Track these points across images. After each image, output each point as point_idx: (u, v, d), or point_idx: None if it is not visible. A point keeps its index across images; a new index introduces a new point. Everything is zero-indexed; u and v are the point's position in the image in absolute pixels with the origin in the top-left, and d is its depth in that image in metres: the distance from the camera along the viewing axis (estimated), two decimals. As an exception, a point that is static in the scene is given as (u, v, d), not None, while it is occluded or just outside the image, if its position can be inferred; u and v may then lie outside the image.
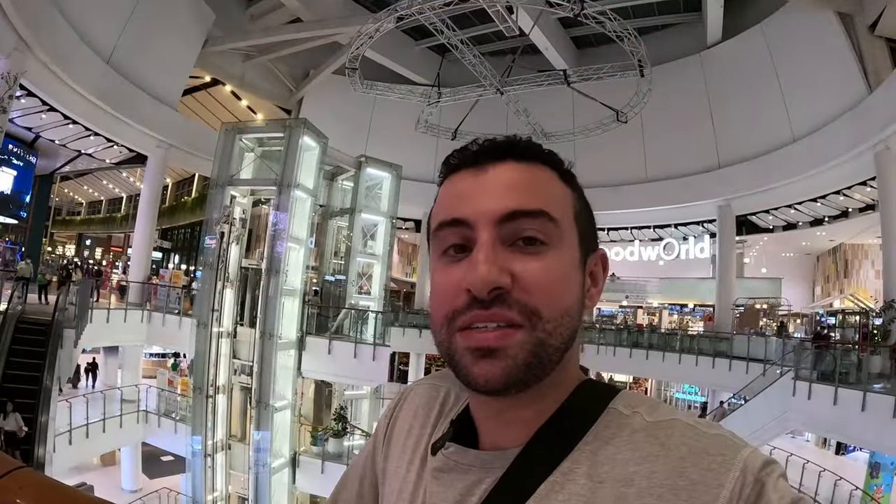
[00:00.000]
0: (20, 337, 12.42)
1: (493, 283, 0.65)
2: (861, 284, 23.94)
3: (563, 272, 0.70)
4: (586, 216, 0.78)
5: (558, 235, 0.70)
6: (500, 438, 0.75)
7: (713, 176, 22.36)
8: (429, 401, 0.91)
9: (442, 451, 0.78)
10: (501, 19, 17.30)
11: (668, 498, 0.60)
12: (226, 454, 14.49)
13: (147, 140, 19.80)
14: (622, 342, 21.08)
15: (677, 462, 0.62)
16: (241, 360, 14.47)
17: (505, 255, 0.68)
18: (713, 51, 21.77)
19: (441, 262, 0.73)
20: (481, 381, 0.67)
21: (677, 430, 0.65)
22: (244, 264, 14.77)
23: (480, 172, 0.73)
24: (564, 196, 0.75)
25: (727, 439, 0.63)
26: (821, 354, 12.81)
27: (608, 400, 0.73)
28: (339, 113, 25.64)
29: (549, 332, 0.67)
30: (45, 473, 1.13)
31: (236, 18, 23.52)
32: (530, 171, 0.73)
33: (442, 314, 0.71)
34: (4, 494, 0.99)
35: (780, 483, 0.59)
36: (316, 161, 15.01)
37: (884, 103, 15.19)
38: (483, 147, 0.76)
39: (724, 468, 0.60)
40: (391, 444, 0.91)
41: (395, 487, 0.84)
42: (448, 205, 0.74)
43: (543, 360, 0.67)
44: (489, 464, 0.73)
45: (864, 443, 12.92)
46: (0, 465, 1.04)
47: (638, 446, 0.65)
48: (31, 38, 14.01)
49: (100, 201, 51.27)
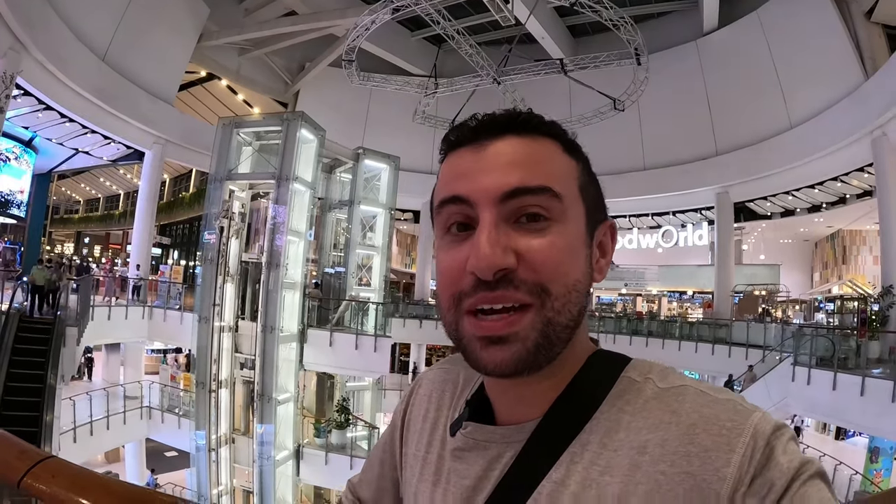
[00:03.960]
0: (23, 336, 12.42)
1: (497, 266, 0.65)
2: (859, 270, 24.00)
3: (570, 247, 0.70)
4: (593, 187, 0.77)
5: (562, 210, 0.70)
6: (517, 413, 0.75)
7: (711, 163, 22.36)
8: (442, 384, 0.92)
9: (460, 430, 0.79)
10: (497, 9, 17.26)
11: (681, 464, 0.61)
12: (230, 448, 14.54)
13: (144, 136, 19.80)
14: (622, 330, 21.14)
15: (688, 429, 0.63)
16: (243, 354, 14.50)
17: (508, 233, 0.68)
18: (709, 38, 21.73)
19: (445, 241, 0.73)
20: (490, 367, 0.68)
21: (689, 396, 0.66)
22: (244, 258, 14.76)
23: (480, 149, 0.72)
24: (569, 168, 0.74)
25: (737, 404, 0.64)
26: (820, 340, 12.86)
27: (621, 368, 0.74)
28: (336, 105, 25.62)
29: (557, 309, 0.67)
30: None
31: (231, 12, 23.44)
32: (532, 144, 0.72)
33: (448, 295, 0.70)
34: (39, 482, 1.04)
35: (789, 446, 0.60)
36: (314, 154, 15.00)
37: (881, 89, 15.15)
38: (482, 122, 0.74)
39: (735, 433, 0.60)
40: (409, 429, 0.92)
41: (416, 470, 0.86)
42: (449, 182, 0.73)
43: (553, 339, 0.68)
44: (508, 437, 0.74)
45: (863, 427, 12.97)
46: (31, 455, 1.09)
47: (651, 413, 0.66)
48: (26, 38, 13.96)
49: (97, 199, 51.22)
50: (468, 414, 0.80)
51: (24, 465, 1.08)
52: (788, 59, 19.12)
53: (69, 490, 1.04)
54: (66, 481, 1.07)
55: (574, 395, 0.73)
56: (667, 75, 21.34)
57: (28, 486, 1.05)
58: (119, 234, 47.03)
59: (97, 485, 1.08)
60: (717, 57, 21.54)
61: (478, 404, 0.81)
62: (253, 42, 24.48)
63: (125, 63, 18.27)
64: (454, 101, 22.32)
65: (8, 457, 1.13)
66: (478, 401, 0.82)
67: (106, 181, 44.48)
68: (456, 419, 0.82)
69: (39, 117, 17.57)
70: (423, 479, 0.84)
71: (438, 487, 0.81)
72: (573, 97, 22.98)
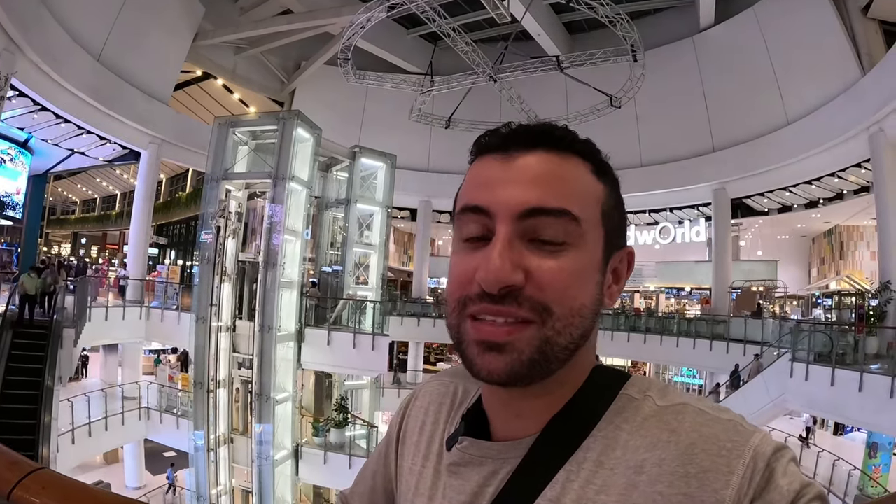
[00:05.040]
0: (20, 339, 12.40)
1: (503, 283, 0.65)
2: (857, 266, 24.02)
3: (581, 272, 0.69)
4: (617, 213, 0.76)
5: (580, 235, 0.69)
6: (514, 429, 0.75)
7: (708, 159, 22.37)
8: (439, 397, 0.91)
9: (456, 445, 0.79)
10: (493, 6, 17.21)
11: (679, 485, 0.60)
12: (228, 448, 14.57)
13: (140, 136, 19.73)
14: (619, 326, 21.11)
15: (687, 448, 0.62)
16: (240, 354, 14.51)
17: (522, 250, 0.67)
18: (706, 34, 21.71)
19: (460, 247, 0.73)
20: (484, 373, 0.68)
21: (688, 415, 0.65)
22: (241, 258, 14.77)
23: (508, 159, 0.71)
24: (594, 192, 0.73)
25: (738, 425, 0.63)
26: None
27: (620, 385, 0.73)
28: (332, 103, 25.56)
29: (557, 330, 0.67)
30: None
31: (226, 11, 23.37)
32: (560, 163, 0.71)
33: (455, 298, 0.71)
34: (28, 494, 1.02)
35: (790, 468, 0.60)
36: (310, 152, 14.98)
37: (877, 85, 15.14)
38: (514, 132, 0.73)
39: (735, 454, 0.60)
40: (405, 441, 0.92)
41: (411, 484, 0.85)
42: (472, 189, 0.73)
43: (549, 357, 0.67)
44: (504, 454, 0.74)
45: (861, 423, 12.99)
46: (21, 467, 1.07)
47: (649, 432, 0.65)
48: (21, 39, 13.89)
49: (94, 199, 51.14)
50: (464, 429, 0.79)
51: (15, 476, 1.06)
52: (785, 55, 19.11)
53: (60, 502, 1.02)
54: (58, 493, 1.05)
55: (571, 413, 0.72)
56: (663, 72, 21.31)
57: (18, 498, 1.03)
58: (116, 235, 46.98)
59: (88, 497, 1.06)
60: (714, 53, 21.52)
61: (474, 419, 0.80)
62: (248, 41, 24.43)
63: (120, 63, 18.21)
64: (450, 98, 22.30)
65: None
66: (474, 415, 0.81)
67: (102, 181, 44.43)
68: (452, 434, 0.81)
69: (35, 118, 17.50)
70: (419, 493, 0.83)
71: (434, 502, 0.80)
72: (569, 94, 22.96)
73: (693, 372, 26.98)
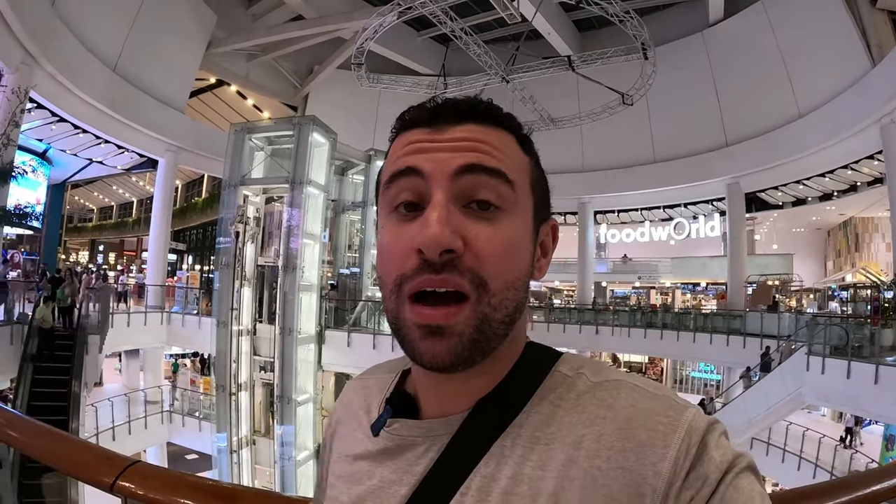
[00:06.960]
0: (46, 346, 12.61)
1: (445, 245, 0.64)
2: (872, 258, 23.85)
3: (516, 240, 0.69)
4: (542, 184, 0.77)
5: (513, 200, 0.69)
6: (446, 407, 0.73)
7: (721, 154, 22.35)
8: (359, 398, 0.88)
9: (384, 429, 0.76)
10: (503, 6, 17.30)
11: (617, 460, 0.61)
12: (251, 450, 14.75)
13: (157, 144, 20.06)
14: (636, 323, 21.07)
15: (624, 423, 0.63)
16: (261, 357, 14.70)
17: (459, 217, 0.66)
18: (716, 29, 21.71)
19: (390, 220, 0.71)
20: (427, 359, 0.66)
21: (623, 391, 0.66)
22: (260, 262, 14.95)
23: (437, 132, 0.70)
24: (522, 162, 0.73)
25: (672, 400, 0.65)
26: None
27: (552, 362, 0.73)
28: (346, 107, 25.78)
29: (493, 305, 0.66)
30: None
31: (238, 19, 23.65)
32: (490, 133, 0.71)
33: (391, 279, 0.68)
34: (132, 484, 1.19)
35: (721, 441, 0.62)
36: (326, 157, 15.17)
37: (887, 77, 15.12)
38: (441, 106, 0.73)
39: (671, 429, 0.61)
40: (333, 452, 0.87)
41: (342, 488, 0.79)
42: (402, 156, 0.71)
43: (488, 334, 0.66)
44: (434, 431, 0.72)
45: (878, 416, 12.97)
46: (118, 461, 1.25)
47: (585, 408, 0.66)
48: (38, 52, 14.26)
49: (111, 206, 51.60)
50: (391, 412, 0.77)
51: (114, 470, 1.22)
52: (795, 47, 19.07)
53: (161, 490, 1.19)
54: (157, 482, 1.21)
55: (506, 388, 0.72)
56: (674, 68, 21.27)
57: (121, 489, 1.19)
58: (133, 241, 47.36)
59: (186, 484, 1.22)
60: (724, 48, 21.50)
61: (401, 400, 0.78)
62: (261, 47, 24.68)
63: (135, 72, 18.53)
64: (463, 99, 22.35)
65: (97, 464, 1.28)
66: (400, 397, 0.79)
67: (119, 189, 44.79)
68: (377, 418, 0.78)
69: (53, 129, 17.83)
70: (352, 491, 0.78)
71: (360, 486, 0.78)
72: (581, 92, 22.98)
73: (711, 367, 26.88)
